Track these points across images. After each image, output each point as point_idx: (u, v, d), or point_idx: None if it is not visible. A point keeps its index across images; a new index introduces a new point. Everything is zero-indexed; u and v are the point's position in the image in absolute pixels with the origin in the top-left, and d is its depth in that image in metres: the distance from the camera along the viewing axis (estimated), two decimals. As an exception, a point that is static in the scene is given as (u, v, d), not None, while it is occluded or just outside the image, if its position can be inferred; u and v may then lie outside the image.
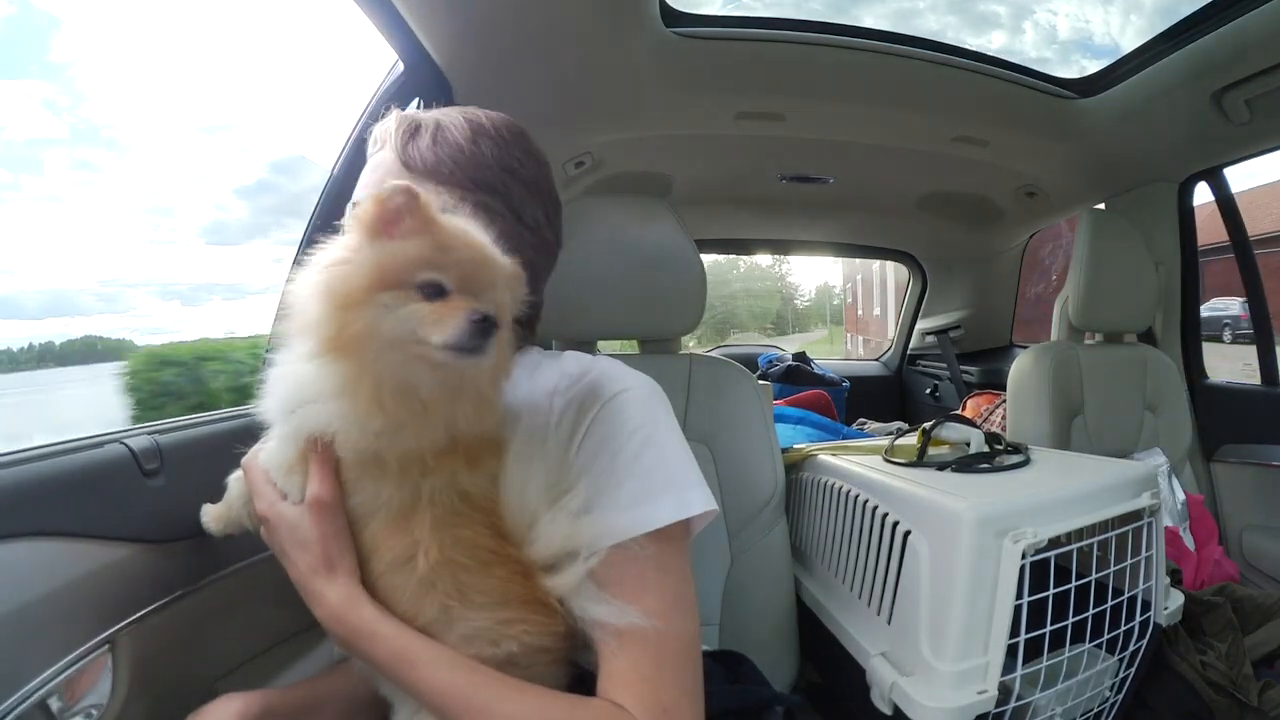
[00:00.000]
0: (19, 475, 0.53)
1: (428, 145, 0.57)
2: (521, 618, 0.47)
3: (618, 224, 0.93)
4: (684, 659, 0.50)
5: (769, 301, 17.07)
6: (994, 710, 0.63)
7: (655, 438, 0.53)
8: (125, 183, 4.49)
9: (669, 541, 0.51)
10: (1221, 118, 1.28)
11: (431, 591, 0.46)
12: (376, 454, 0.44)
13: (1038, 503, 0.70)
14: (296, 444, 0.47)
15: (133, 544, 0.58)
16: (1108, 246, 1.36)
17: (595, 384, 0.55)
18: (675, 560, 0.52)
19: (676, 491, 0.52)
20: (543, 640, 0.48)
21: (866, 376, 2.65)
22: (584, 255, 0.89)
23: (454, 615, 0.46)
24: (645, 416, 0.54)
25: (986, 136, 1.52)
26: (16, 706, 0.46)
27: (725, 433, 0.94)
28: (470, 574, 0.46)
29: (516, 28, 1.03)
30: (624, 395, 0.54)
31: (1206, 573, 1.19)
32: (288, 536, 0.48)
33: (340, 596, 0.47)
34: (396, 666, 0.46)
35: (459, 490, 0.46)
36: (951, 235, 2.19)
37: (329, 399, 0.43)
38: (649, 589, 0.49)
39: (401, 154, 0.57)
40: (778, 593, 0.93)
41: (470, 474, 0.46)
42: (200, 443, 0.68)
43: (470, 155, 0.58)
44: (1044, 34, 1.41)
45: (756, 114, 1.42)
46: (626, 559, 0.48)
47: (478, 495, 0.47)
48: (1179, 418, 1.42)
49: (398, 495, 0.46)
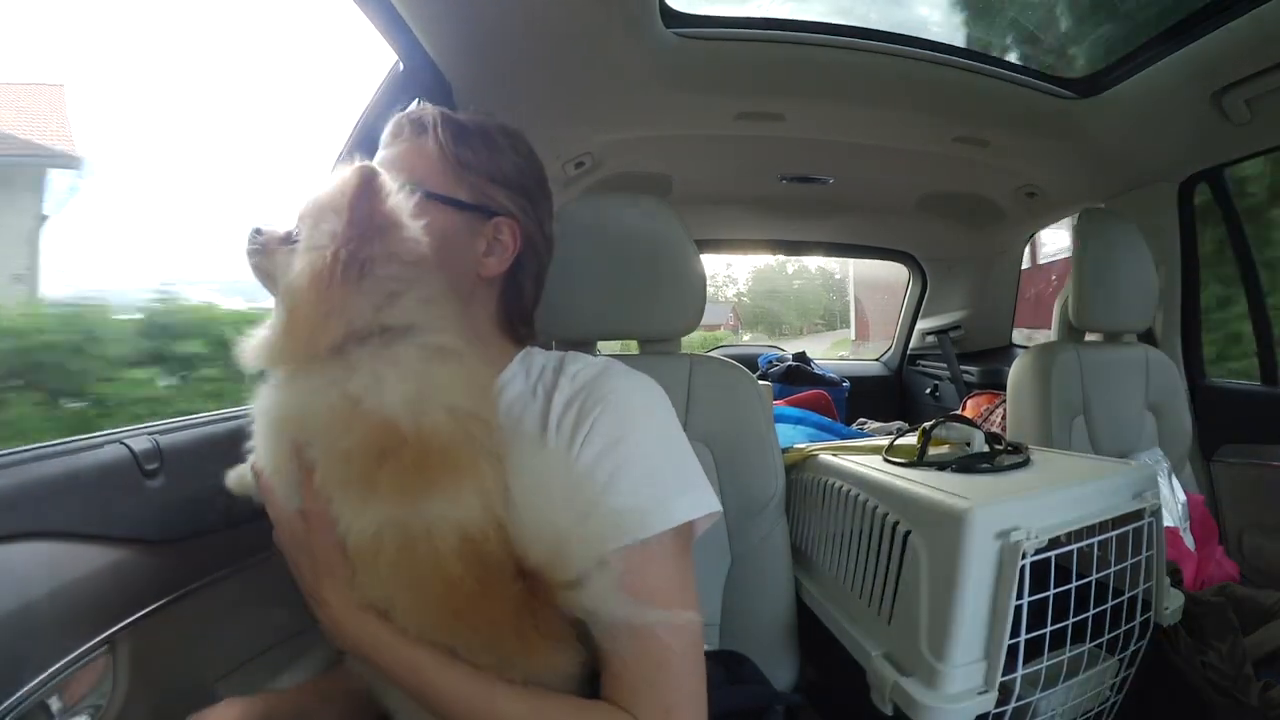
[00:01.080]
0: (19, 475, 0.53)
1: (480, 146, 0.60)
2: (522, 656, 0.45)
3: (618, 224, 0.93)
4: (687, 660, 0.50)
5: (819, 297, 17.24)
6: (994, 710, 0.63)
7: (663, 437, 0.54)
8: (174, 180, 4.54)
9: (679, 540, 0.51)
10: (1221, 118, 1.28)
11: (424, 629, 0.44)
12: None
13: (1038, 503, 0.70)
14: (280, 444, 0.47)
15: (133, 544, 0.58)
16: (1108, 246, 1.36)
17: (597, 385, 0.55)
18: (683, 560, 0.52)
19: (690, 490, 0.52)
20: (545, 675, 0.46)
21: (866, 376, 2.65)
22: (584, 255, 0.89)
23: (458, 647, 0.45)
24: (650, 416, 0.55)
25: (986, 136, 1.52)
26: (16, 706, 0.46)
27: (725, 433, 0.93)
28: (446, 618, 0.44)
29: (517, 28, 1.03)
30: (626, 395, 0.55)
31: (1206, 573, 1.19)
32: (290, 541, 0.48)
33: (337, 601, 0.47)
34: (401, 672, 0.46)
35: (410, 531, 0.42)
36: (951, 235, 2.19)
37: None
38: (659, 588, 0.49)
39: (453, 150, 0.59)
40: (778, 593, 0.93)
41: (418, 506, 0.42)
42: (200, 443, 0.68)
43: (514, 162, 0.61)
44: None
45: (756, 114, 1.42)
46: (641, 558, 0.48)
47: (434, 537, 0.42)
48: (1179, 418, 1.42)
49: (355, 522, 0.43)
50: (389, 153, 0.60)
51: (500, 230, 0.61)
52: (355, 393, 0.42)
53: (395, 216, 0.46)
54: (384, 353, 0.43)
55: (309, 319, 0.42)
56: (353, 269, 0.43)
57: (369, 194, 0.43)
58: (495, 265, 0.61)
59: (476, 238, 0.60)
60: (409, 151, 0.59)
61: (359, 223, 0.43)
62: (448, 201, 0.58)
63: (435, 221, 0.54)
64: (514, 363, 0.61)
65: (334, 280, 0.42)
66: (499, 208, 0.60)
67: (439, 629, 0.44)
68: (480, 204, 0.59)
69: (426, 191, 0.55)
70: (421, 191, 0.54)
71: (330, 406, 0.43)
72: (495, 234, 0.60)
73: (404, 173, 0.55)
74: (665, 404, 0.58)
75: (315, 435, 0.44)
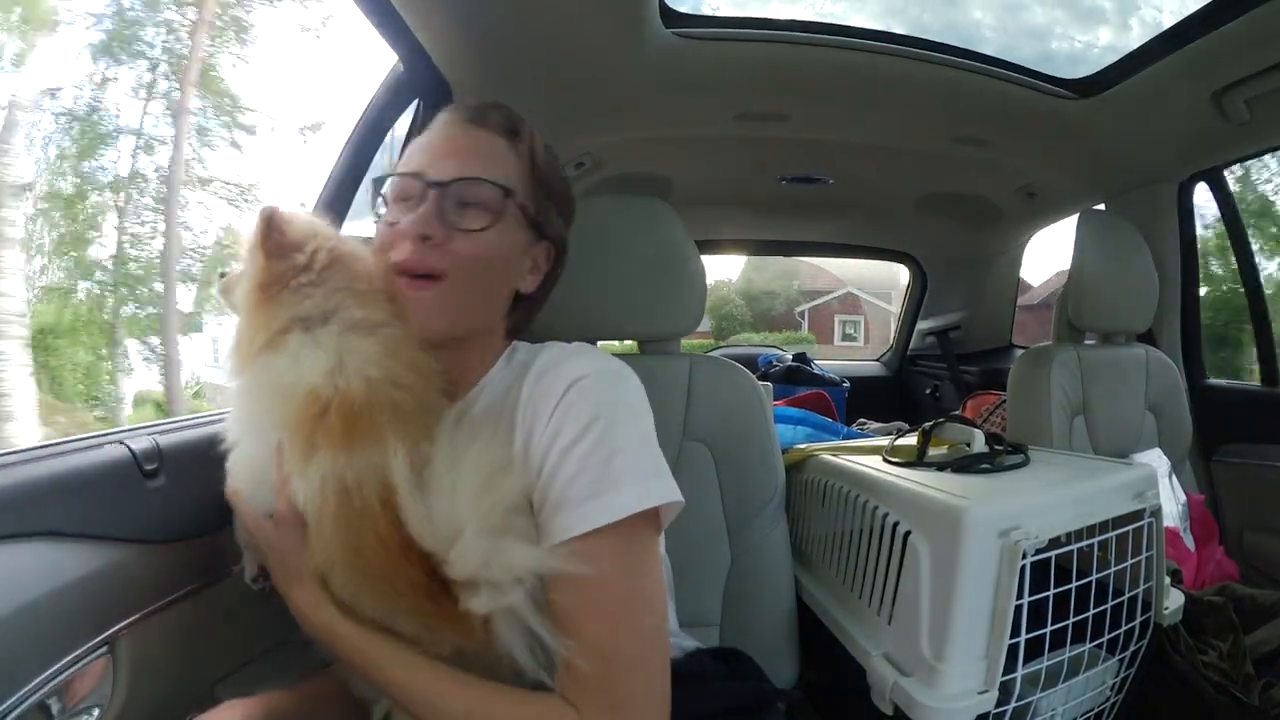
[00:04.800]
0: (19, 475, 0.53)
1: (557, 168, 0.62)
2: (441, 626, 0.47)
3: (617, 224, 0.93)
4: (638, 657, 0.49)
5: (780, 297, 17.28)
6: (994, 710, 0.63)
7: (617, 425, 0.51)
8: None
9: (630, 535, 0.49)
10: (1221, 118, 1.28)
11: (359, 596, 0.48)
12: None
13: (1038, 503, 0.70)
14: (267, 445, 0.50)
15: (133, 544, 0.58)
16: (1108, 246, 1.36)
17: (561, 369, 0.54)
18: (636, 555, 0.51)
19: (636, 482, 0.50)
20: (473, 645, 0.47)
21: (866, 376, 2.65)
22: (583, 255, 0.88)
23: (393, 619, 0.48)
24: (607, 403, 0.52)
25: (986, 136, 1.52)
26: (17, 706, 0.46)
27: (725, 433, 0.93)
28: (380, 583, 0.47)
29: (516, 29, 1.03)
30: (586, 381, 0.53)
31: (1207, 573, 1.19)
32: (264, 546, 0.52)
33: (305, 600, 0.50)
34: (360, 664, 0.49)
35: (345, 482, 0.46)
36: (951, 235, 2.19)
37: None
38: (606, 584, 0.48)
39: (545, 169, 0.60)
40: (778, 593, 0.93)
41: (348, 457, 0.47)
42: (200, 443, 0.68)
43: (564, 183, 0.64)
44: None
45: (756, 115, 1.42)
46: (582, 553, 0.47)
47: (364, 489, 0.46)
48: (1179, 418, 1.42)
49: (304, 485, 0.48)
50: (472, 137, 0.58)
51: (541, 253, 0.62)
52: (280, 372, 0.50)
53: (298, 240, 0.52)
54: (304, 337, 0.50)
55: (245, 333, 0.51)
56: (272, 289, 0.51)
57: (273, 230, 0.51)
58: (529, 284, 0.62)
59: (525, 255, 0.61)
60: (497, 146, 0.58)
61: (272, 252, 0.51)
62: (525, 215, 0.58)
63: (512, 232, 0.58)
64: (500, 360, 0.61)
65: (256, 302, 0.51)
66: (553, 233, 0.62)
67: (372, 594, 0.47)
68: (542, 225, 0.60)
69: (519, 202, 0.57)
70: (515, 199, 0.57)
71: (268, 389, 0.50)
72: (537, 255, 0.62)
73: (493, 166, 0.56)
74: (632, 389, 0.56)
75: (266, 418, 0.51)
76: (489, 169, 0.56)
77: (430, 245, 0.54)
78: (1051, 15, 1.39)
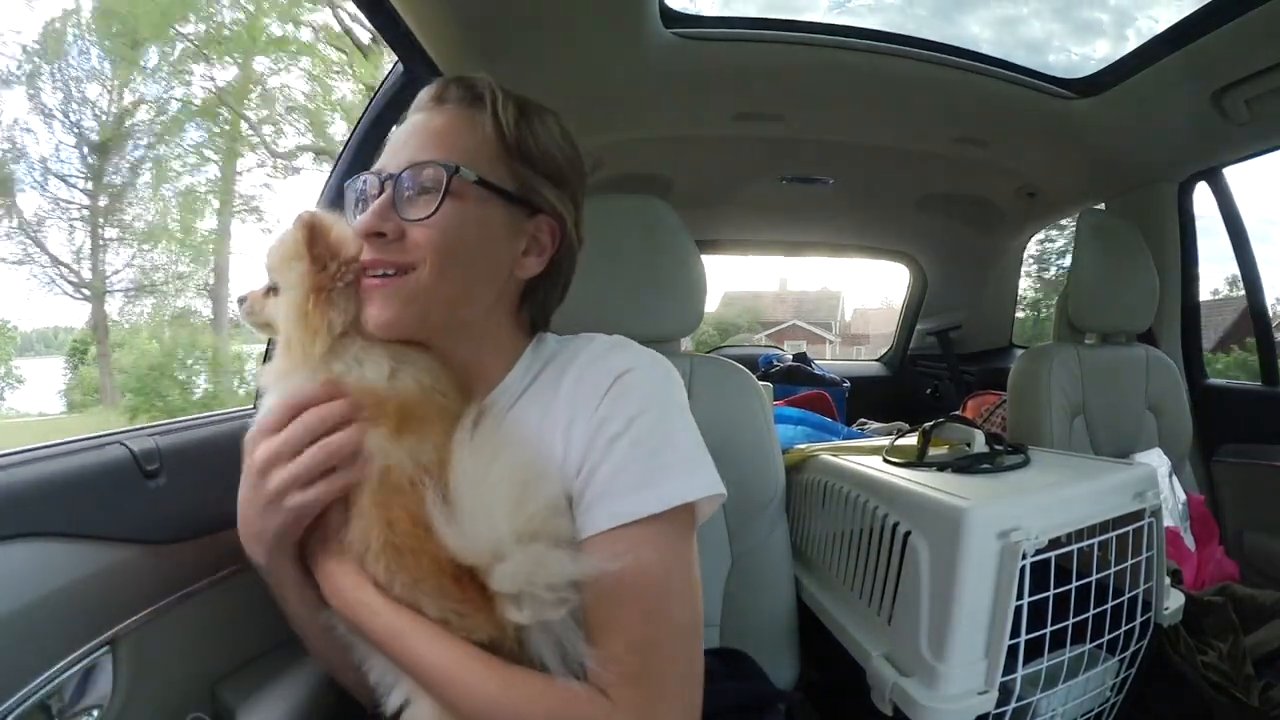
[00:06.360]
0: (19, 476, 0.53)
1: (540, 132, 0.57)
2: (469, 612, 0.48)
3: (617, 224, 0.93)
4: (674, 648, 0.49)
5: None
6: (994, 711, 0.63)
7: (664, 418, 0.52)
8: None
9: (672, 526, 0.49)
10: (1221, 118, 1.28)
11: (391, 572, 0.49)
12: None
13: (1038, 503, 0.70)
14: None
15: (133, 544, 0.58)
16: (1108, 246, 1.36)
17: (606, 361, 0.54)
18: (678, 546, 0.51)
19: (682, 474, 0.51)
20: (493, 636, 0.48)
21: (866, 376, 2.65)
22: (583, 255, 0.89)
23: (418, 598, 0.48)
24: (653, 397, 0.53)
25: (986, 136, 1.52)
26: (17, 707, 0.46)
27: (725, 433, 0.93)
28: (408, 558, 0.48)
29: (516, 30, 1.03)
30: (631, 374, 0.53)
31: (1207, 573, 1.19)
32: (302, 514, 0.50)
33: (342, 571, 0.50)
34: (388, 639, 0.48)
35: (389, 462, 0.49)
36: (951, 235, 2.19)
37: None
38: (645, 574, 0.48)
39: (514, 134, 0.55)
40: (778, 593, 0.93)
41: (395, 444, 0.50)
42: (200, 443, 0.68)
43: (564, 152, 0.60)
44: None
45: (756, 115, 1.42)
46: (624, 542, 0.47)
47: (400, 474, 0.49)
48: (1179, 418, 1.42)
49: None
50: (428, 119, 0.55)
51: (540, 229, 0.57)
52: (338, 375, 0.52)
53: (341, 242, 0.53)
54: (364, 342, 0.53)
55: (301, 342, 0.52)
56: (322, 294, 0.52)
57: (316, 236, 0.52)
58: (533, 266, 0.58)
59: (517, 235, 0.56)
60: (459, 123, 0.54)
61: (318, 259, 0.52)
62: (498, 191, 0.53)
63: (476, 209, 0.53)
64: (526, 353, 0.59)
65: (310, 308, 0.52)
66: (545, 205, 0.56)
67: (401, 569, 0.48)
68: (527, 198, 0.55)
69: (479, 178, 0.52)
70: (474, 176, 0.52)
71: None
72: (535, 232, 0.57)
73: (451, 149, 0.52)
74: (675, 384, 0.56)
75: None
76: (441, 149, 0.52)
77: (386, 242, 0.52)
78: (1049, 29, 1.39)
